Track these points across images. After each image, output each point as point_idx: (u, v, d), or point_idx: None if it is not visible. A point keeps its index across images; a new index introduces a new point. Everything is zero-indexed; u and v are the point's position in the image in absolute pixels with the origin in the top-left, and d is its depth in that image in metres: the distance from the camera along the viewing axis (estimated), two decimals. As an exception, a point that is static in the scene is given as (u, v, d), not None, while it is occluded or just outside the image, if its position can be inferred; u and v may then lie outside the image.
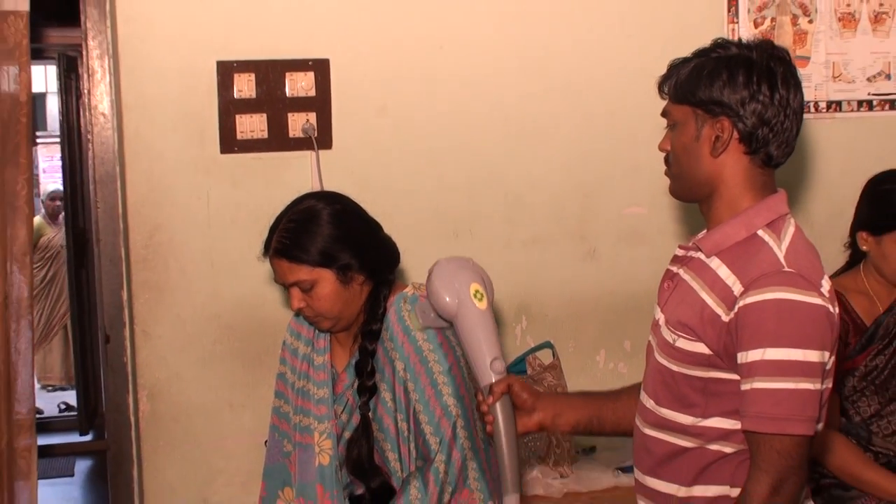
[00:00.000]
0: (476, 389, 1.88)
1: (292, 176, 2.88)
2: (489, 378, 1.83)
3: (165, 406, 2.88)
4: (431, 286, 1.89)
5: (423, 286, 1.98)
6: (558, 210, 3.12)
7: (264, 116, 2.87)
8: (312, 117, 2.90)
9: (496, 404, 1.81)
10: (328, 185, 2.83)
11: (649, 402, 1.76)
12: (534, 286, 3.11)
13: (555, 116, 3.09)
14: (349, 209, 2.15)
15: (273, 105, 2.87)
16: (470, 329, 1.85)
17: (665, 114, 1.76)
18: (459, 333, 1.88)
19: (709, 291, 1.64)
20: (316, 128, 2.90)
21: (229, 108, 2.85)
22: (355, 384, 2.15)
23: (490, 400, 1.82)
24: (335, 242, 2.07)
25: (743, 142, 1.67)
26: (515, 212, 3.09)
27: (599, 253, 3.16)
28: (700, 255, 1.71)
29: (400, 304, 2.12)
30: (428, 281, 1.91)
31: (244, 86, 2.85)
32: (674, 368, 1.69)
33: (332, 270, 2.07)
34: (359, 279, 2.11)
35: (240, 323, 2.91)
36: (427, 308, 1.97)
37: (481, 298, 1.87)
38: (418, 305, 2.04)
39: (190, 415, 2.90)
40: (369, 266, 2.11)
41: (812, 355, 1.56)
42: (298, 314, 2.17)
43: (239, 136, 2.86)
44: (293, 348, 2.27)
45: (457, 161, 3.03)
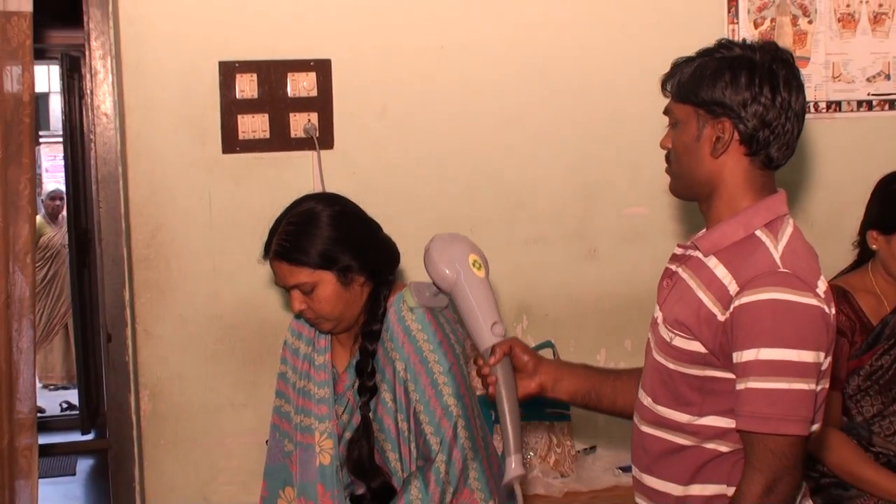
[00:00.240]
0: (476, 354, 1.88)
1: (294, 176, 2.89)
2: (490, 341, 1.83)
3: (167, 405, 2.89)
4: (430, 259, 1.90)
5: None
6: (559, 210, 3.12)
7: (266, 117, 2.88)
8: (314, 117, 2.91)
9: (497, 366, 1.82)
10: (329, 185, 2.84)
11: (647, 400, 1.77)
12: (535, 286, 3.12)
13: (556, 117, 3.09)
14: (348, 210, 2.15)
15: (275, 105, 2.88)
16: (470, 296, 1.86)
17: (667, 112, 1.76)
18: (459, 303, 1.88)
19: (705, 290, 1.65)
20: (318, 128, 2.90)
21: (231, 109, 2.86)
22: (356, 384, 2.15)
23: (492, 360, 1.82)
24: (335, 244, 2.07)
25: (744, 143, 1.67)
26: (516, 212, 3.09)
27: (600, 253, 3.16)
28: (698, 254, 1.71)
29: (400, 304, 2.12)
30: (426, 256, 1.91)
31: (246, 86, 2.86)
32: (671, 367, 1.69)
33: (333, 272, 2.07)
34: (359, 280, 2.11)
35: (241, 322, 2.91)
36: (422, 287, 1.98)
37: (480, 268, 1.89)
38: (413, 285, 2.03)
39: (191, 414, 2.90)
40: (369, 267, 2.11)
41: (807, 356, 1.57)
42: (299, 316, 2.17)
43: (241, 136, 2.87)
44: (294, 348, 2.27)
45: (458, 161, 3.04)
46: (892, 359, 2.49)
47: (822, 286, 1.64)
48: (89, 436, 5.80)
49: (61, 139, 6.15)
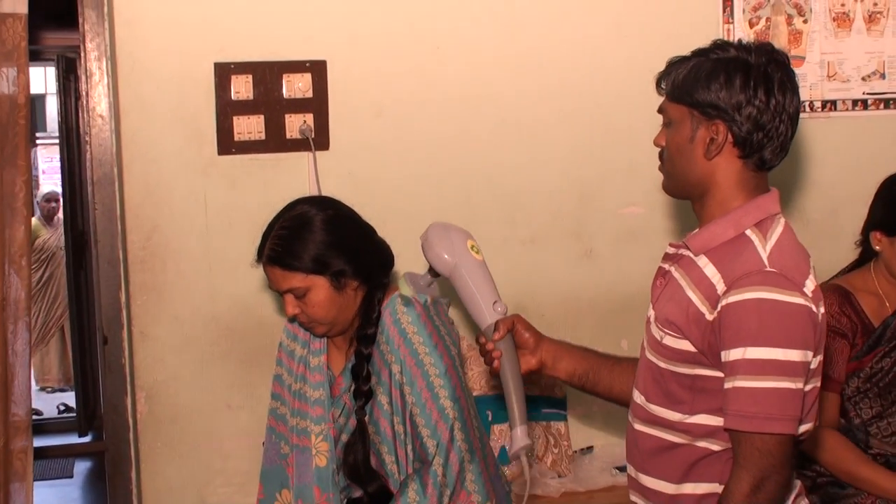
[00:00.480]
0: (479, 333, 1.89)
1: (290, 177, 2.89)
2: (493, 317, 1.86)
3: (163, 407, 2.89)
4: (429, 245, 1.92)
5: None
6: (555, 210, 3.12)
7: (261, 118, 2.87)
8: (310, 118, 2.91)
9: (502, 341, 1.83)
10: (325, 187, 2.84)
11: (640, 398, 1.77)
12: (530, 285, 3.11)
13: (551, 117, 3.09)
14: (342, 214, 2.14)
15: (270, 106, 2.88)
16: (470, 278, 1.88)
17: (661, 110, 1.77)
18: (459, 285, 1.89)
19: (695, 289, 1.65)
20: (313, 129, 2.90)
21: (227, 110, 2.85)
22: (352, 388, 2.15)
23: (496, 336, 1.83)
24: (328, 249, 2.06)
25: (737, 145, 1.67)
26: (512, 212, 3.09)
27: (596, 252, 3.16)
28: (689, 254, 1.72)
29: (395, 306, 2.12)
30: (425, 242, 1.93)
31: (241, 87, 2.85)
32: (662, 365, 1.70)
33: (326, 277, 2.06)
34: (353, 284, 2.10)
35: (237, 324, 2.91)
36: (416, 277, 1.99)
37: (477, 251, 1.92)
38: (407, 274, 2.05)
39: (188, 416, 2.90)
40: (363, 271, 2.11)
41: (793, 354, 1.57)
42: (293, 320, 2.17)
43: (236, 138, 2.86)
44: (289, 350, 2.27)
45: (454, 161, 3.03)
46: (893, 361, 2.49)
47: (811, 285, 1.64)
48: (86, 438, 5.80)
49: (58, 141, 6.14)
